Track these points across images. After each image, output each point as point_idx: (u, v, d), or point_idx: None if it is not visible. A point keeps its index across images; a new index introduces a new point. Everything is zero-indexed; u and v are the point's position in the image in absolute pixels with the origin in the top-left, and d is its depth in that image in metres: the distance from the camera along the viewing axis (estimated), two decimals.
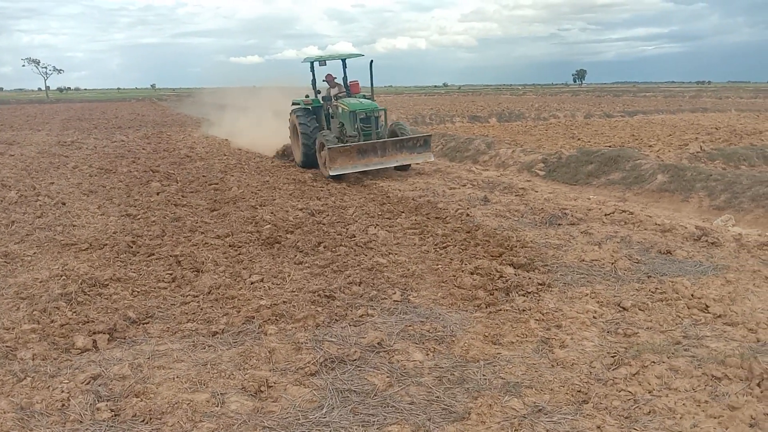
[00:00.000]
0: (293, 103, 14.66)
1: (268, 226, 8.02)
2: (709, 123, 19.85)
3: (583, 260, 6.55)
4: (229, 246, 7.23)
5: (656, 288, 5.66)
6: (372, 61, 13.52)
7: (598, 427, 3.41)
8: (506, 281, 5.89)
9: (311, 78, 14.44)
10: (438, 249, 7.17)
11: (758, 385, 3.82)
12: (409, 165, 13.22)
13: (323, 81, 14.43)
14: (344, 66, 14.80)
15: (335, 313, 5.20)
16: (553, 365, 4.25)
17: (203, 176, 12.87)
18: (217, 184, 11.79)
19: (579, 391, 3.82)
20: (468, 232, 7.80)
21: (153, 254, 6.98)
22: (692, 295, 5.43)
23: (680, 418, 3.49)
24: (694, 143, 15.00)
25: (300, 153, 14.04)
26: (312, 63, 14.32)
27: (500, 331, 4.82)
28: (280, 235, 7.59)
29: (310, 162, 13.71)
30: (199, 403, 3.76)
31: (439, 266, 6.48)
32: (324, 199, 10.21)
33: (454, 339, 4.69)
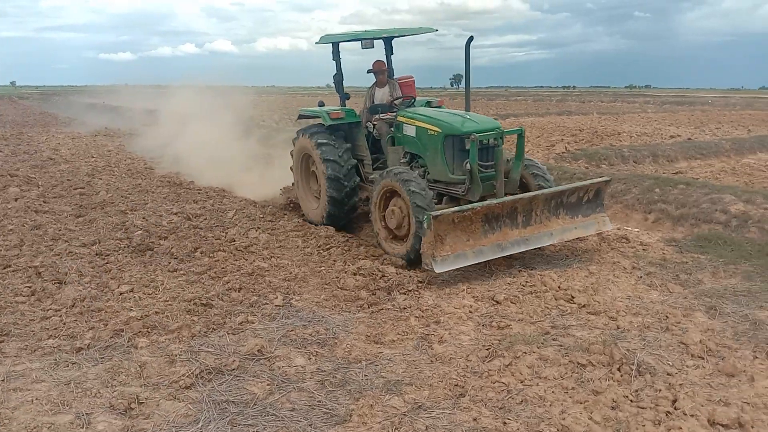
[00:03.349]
0: (300, 116, 9.14)
1: (140, 232, 7.58)
2: (573, 125, 21.27)
3: None
4: (96, 254, 6.75)
5: (526, 281, 5.97)
6: (471, 37, 7.12)
7: (475, 420, 3.52)
8: (388, 280, 5.97)
9: (335, 73, 8.49)
10: (321, 251, 7.13)
11: (618, 369, 4.12)
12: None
13: (370, 72, 8.46)
14: (389, 52, 8.94)
15: (212, 321, 5.00)
16: (432, 361, 4.34)
17: (68, 180, 11.94)
18: (83, 188, 10.97)
19: (456, 385, 3.92)
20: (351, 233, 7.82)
21: (9, 266, 6.36)
22: (559, 287, 5.77)
23: (550, 405, 3.68)
24: (560, 144, 15.98)
25: (321, 204, 8.16)
26: (336, 45, 8.25)
27: (382, 330, 4.86)
28: (152, 242, 7.20)
29: (339, 219, 8.13)
30: (62, 426, 3.47)
31: (323, 268, 6.44)
32: (201, 203, 9.82)
33: (336, 341, 4.67)
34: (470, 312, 5.27)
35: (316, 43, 8.35)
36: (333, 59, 8.38)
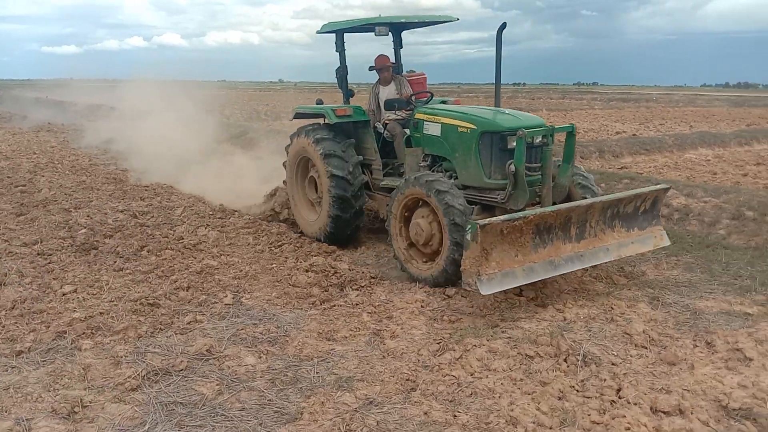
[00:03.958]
0: (297, 114, 7.83)
1: (84, 230, 7.35)
2: None
3: None
4: (38, 254, 6.51)
5: None
6: (504, 24, 6.33)
7: (425, 413, 3.54)
8: (340, 277, 5.95)
9: (338, 66, 7.62)
10: (273, 248, 7.05)
11: (565, 360, 4.21)
12: None
13: (372, 69, 7.61)
14: (397, 44, 8.15)
15: (160, 321, 4.89)
16: (384, 356, 4.35)
17: (8, 177, 11.47)
18: (24, 185, 10.56)
19: (408, 380, 3.94)
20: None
21: None
22: None
23: (499, 397, 3.73)
24: None
25: (322, 212, 7.23)
26: (340, 35, 7.42)
27: (334, 327, 4.84)
28: (97, 240, 6.99)
29: (344, 226, 7.16)
30: None
31: (274, 265, 6.37)
32: (149, 200, 9.59)
33: (288, 339, 4.63)
34: (422, 306, 5.30)
35: (318, 32, 7.49)
36: (336, 50, 7.50)
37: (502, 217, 4.96)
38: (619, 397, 3.71)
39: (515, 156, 5.54)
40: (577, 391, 3.81)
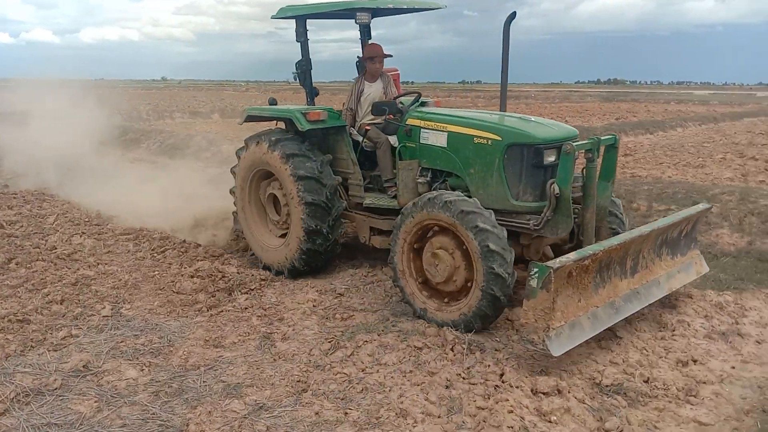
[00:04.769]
0: (247, 117, 6.59)
1: None
2: None
3: None
4: None
5: (368, 272, 6.10)
6: (513, 14, 5.40)
7: (317, 413, 3.52)
8: (228, 281, 5.79)
9: (300, 59, 6.43)
10: (155, 254, 6.74)
11: (452, 349, 4.34)
12: None
13: (361, 61, 6.40)
14: (367, 35, 6.84)
15: (30, 338, 4.54)
16: (275, 359, 4.28)
17: None
18: None
19: (299, 381, 3.91)
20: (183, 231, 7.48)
21: None
22: None
23: (389, 390, 3.78)
24: None
25: (291, 242, 5.99)
26: (302, 21, 6.25)
27: (222, 333, 4.71)
28: None
29: (317, 260, 6.05)
30: None
31: (157, 272, 6.09)
32: (17, 208, 8.87)
33: (172, 349, 4.45)
34: (314, 306, 5.28)
35: (274, 17, 6.21)
36: (297, 40, 6.29)
37: (573, 257, 4.08)
38: (503, 382, 3.88)
39: (560, 174, 4.60)
40: (464, 378, 3.94)
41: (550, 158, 4.78)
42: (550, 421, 3.50)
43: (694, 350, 4.47)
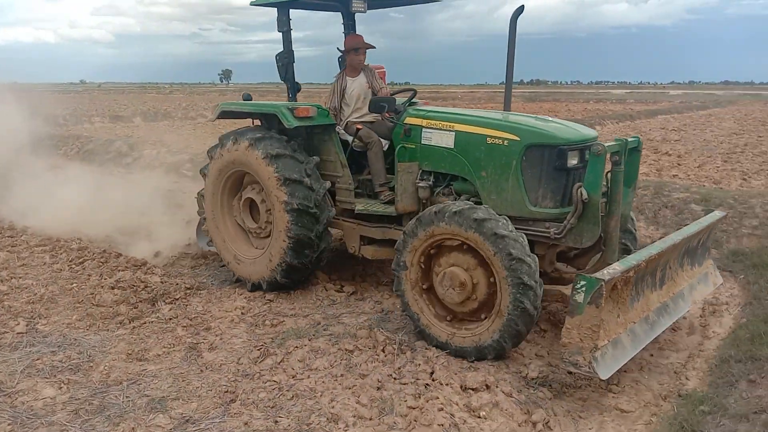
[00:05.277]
0: (221, 113, 5.99)
1: None
2: None
3: None
4: None
5: None
6: (521, 8, 4.88)
7: (246, 424, 3.45)
8: (151, 291, 5.58)
9: (281, 51, 5.93)
10: (73, 266, 6.41)
11: (383, 350, 4.36)
12: None
13: (341, 56, 6.10)
14: (351, 28, 6.42)
15: None
16: (201, 370, 4.16)
17: None
18: None
19: (227, 392, 3.81)
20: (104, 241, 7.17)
21: None
22: (329, 278, 5.94)
23: (320, 396, 3.75)
24: None
25: (274, 252, 5.44)
26: (285, 9, 5.76)
27: (145, 346, 4.54)
28: None
29: (301, 273, 5.58)
30: None
31: (75, 285, 5.80)
32: None
33: (92, 364, 4.25)
34: (242, 313, 5.17)
35: (252, 3, 5.73)
36: (279, 30, 5.79)
37: (618, 267, 3.79)
38: (433, 380, 3.92)
39: (588, 178, 4.26)
40: (395, 379, 3.95)
41: (573, 161, 4.45)
42: (479, 417, 3.56)
43: None
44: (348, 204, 5.54)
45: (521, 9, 4.90)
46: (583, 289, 3.55)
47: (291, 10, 5.79)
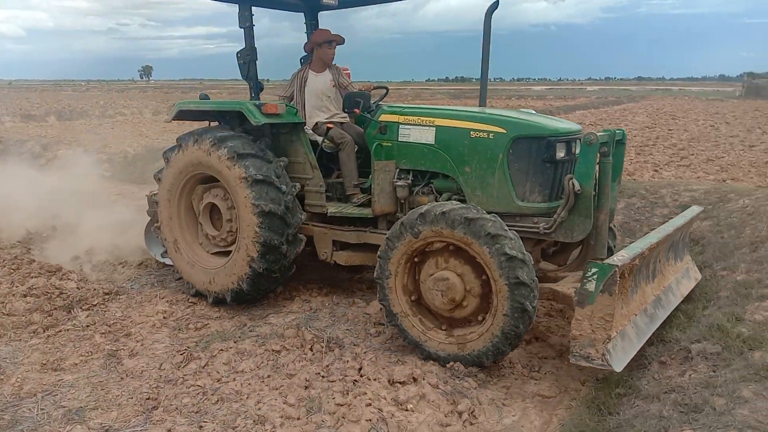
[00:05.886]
0: (178, 113, 5.54)
1: None
2: None
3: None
4: None
5: None
6: (496, 2, 4.98)
7: (169, 430, 3.36)
8: (67, 297, 5.32)
9: (243, 48, 5.50)
10: None
11: (310, 349, 4.34)
12: None
13: (307, 52, 5.93)
14: (311, 24, 6.30)
15: None
16: (122, 378, 4.02)
17: None
18: None
19: (149, 399, 3.70)
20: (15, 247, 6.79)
21: None
22: None
23: (246, 398, 3.69)
24: None
25: (233, 266, 5.08)
26: (246, 5, 5.41)
27: (61, 355, 4.34)
28: None
29: (270, 283, 5.21)
30: None
31: None
32: None
33: (3, 377, 4.03)
34: (165, 318, 5.02)
35: None
36: (240, 26, 5.41)
37: (626, 254, 3.64)
38: (361, 376, 3.93)
39: (580, 169, 4.14)
40: (323, 377, 3.94)
41: (561, 153, 4.34)
42: (406, 410, 3.60)
43: (535, 328, 4.81)
44: (319, 207, 5.25)
45: (496, 4, 4.92)
46: (595, 276, 3.40)
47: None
